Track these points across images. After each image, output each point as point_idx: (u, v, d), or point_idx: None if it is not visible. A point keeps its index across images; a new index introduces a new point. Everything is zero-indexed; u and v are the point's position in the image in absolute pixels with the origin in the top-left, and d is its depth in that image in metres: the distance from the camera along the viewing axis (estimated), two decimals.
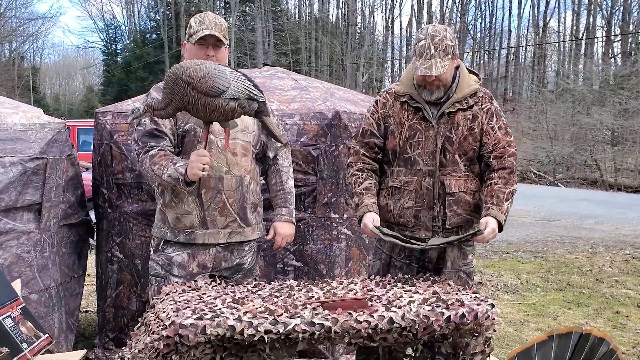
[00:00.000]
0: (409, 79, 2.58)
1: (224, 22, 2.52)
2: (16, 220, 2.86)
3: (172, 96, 2.16)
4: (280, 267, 3.17)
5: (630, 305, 4.87)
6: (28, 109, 3.15)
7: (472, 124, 2.55)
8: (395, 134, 2.57)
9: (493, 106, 2.59)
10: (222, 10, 35.67)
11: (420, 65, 2.42)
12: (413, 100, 2.55)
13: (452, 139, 2.53)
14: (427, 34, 2.44)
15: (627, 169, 17.79)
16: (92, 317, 4.18)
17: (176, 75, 2.14)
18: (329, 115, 3.13)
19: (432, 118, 2.53)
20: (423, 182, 2.54)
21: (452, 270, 2.62)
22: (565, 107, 20.88)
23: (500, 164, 2.55)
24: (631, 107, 17.95)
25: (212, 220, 2.41)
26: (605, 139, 18.76)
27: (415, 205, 2.56)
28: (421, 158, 2.54)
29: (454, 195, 2.55)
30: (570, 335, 2.08)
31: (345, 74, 32.16)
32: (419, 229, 2.58)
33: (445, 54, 2.42)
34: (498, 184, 2.51)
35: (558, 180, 18.18)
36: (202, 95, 2.14)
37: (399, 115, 2.58)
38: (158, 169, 2.30)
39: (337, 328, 1.91)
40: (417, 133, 2.54)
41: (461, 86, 2.55)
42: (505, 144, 2.57)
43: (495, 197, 2.49)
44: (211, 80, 2.14)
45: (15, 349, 2.01)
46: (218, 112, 2.19)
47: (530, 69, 29.52)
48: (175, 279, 2.43)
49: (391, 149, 2.60)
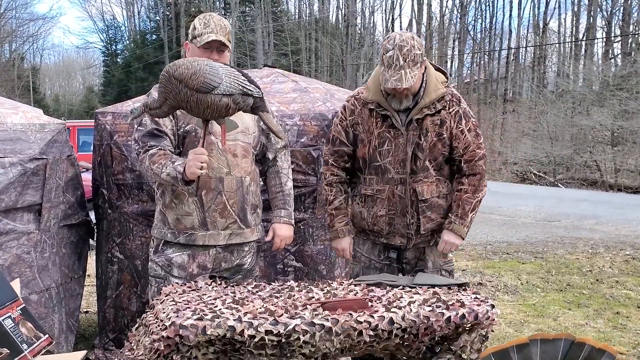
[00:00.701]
0: (376, 86, 2.53)
1: (228, 24, 2.52)
2: (16, 220, 2.86)
3: (166, 95, 2.16)
4: (280, 267, 3.17)
5: (630, 306, 4.87)
6: (28, 110, 3.15)
7: (440, 129, 2.53)
8: (365, 142, 2.56)
9: (461, 108, 2.56)
10: (222, 10, 35.67)
11: (390, 78, 2.38)
12: (381, 108, 2.53)
13: (422, 145, 2.51)
14: (395, 44, 2.38)
15: (627, 170, 17.79)
16: (93, 318, 4.18)
17: (169, 73, 2.15)
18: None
19: (401, 125, 2.51)
20: (395, 190, 2.54)
21: (434, 270, 2.64)
22: (565, 108, 20.89)
23: (471, 170, 2.56)
24: (631, 107, 17.95)
25: (213, 221, 2.41)
26: (605, 140, 18.77)
27: (388, 213, 2.56)
28: (392, 166, 2.53)
29: (427, 202, 2.55)
30: (560, 342, 1.94)
31: (345, 74, 32.16)
32: (393, 235, 2.60)
33: (414, 64, 2.39)
34: (467, 192, 2.55)
35: (558, 181, 18.18)
36: (194, 92, 2.14)
37: (368, 122, 2.55)
38: (157, 167, 2.30)
39: (338, 328, 1.91)
40: (387, 141, 2.52)
41: (428, 91, 2.51)
42: (475, 147, 2.57)
43: (461, 209, 2.54)
44: (202, 77, 2.13)
45: (15, 350, 2.01)
46: (211, 108, 2.18)
47: (530, 70, 29.50)
48: (175, 280, 2.43)
49: (361, 157, 2.59)
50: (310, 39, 33.75)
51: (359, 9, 34.37)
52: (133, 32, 39.53)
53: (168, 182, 2.31)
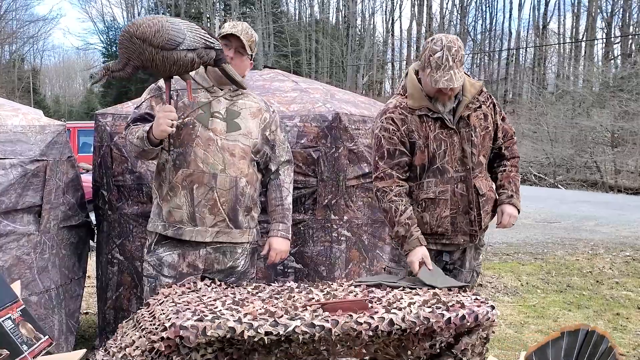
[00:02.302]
0: (418, 92, 2.54)
1: (255, 35, 2.52)
2: (16, 222, 2.86)
3: (129, 55, 2.12)
4: (280, 269, 3.17)
5: (630, 307, 4.87)
6: (28, 111, 3.15)
7: (485, 123, 2.60)
8: (422, 148, 2.54)
9: (492, 100, 2.68)
10: (223, 12, 35.71)
11: (440, 78, 2.39)
12: (431, 112, 2.53)
13: (474, 141, 2.56)
14: (443, 45, 2.40)
15: (627, 171, 17.80)
16: (93, 319, 4.18)
17: (129, 33, 2.11)
18: (329, 117, 3.13)
19: (453, 124, 2.54)
20: (456, 188, 2.55)
21: (469, 270, 2.69)
22: (565, 109, 20.90)
23: (511, 153, 2.70)
24: (631, 108, 17.96)
25: (201, 217, 2.40)
26: (605, 141, 18.78)
27: (451, 213, 2.56)
28: (450, 165, 2.54)
29: (485, 196, 2.61)
30: (579, 332, 2.16)
31: (345, 75, 32.18)
32: (455, 235, 2.60)
33: (461, 64, 2.43)
34: (513, 172, 2.68)
35: (558, 182, 18.18)
36: (159, 50, 2.12)
37: (422, 128, 2.54)
38: (131, 137, 2.34)
39: (338, 330, 1.91)
40: (442, 142, 2.54)
41: (466, 87, 2.56)
42: (512, 133, 2.72)
43: (514, 185, 2.65)
44: (166, 34, 2.12)
45: (15, 351, 2.01)
46: (177, 65, 2.17)
47: (530, 71, 29.54)
48: (166, 279, 2.42)
49: (419, 163, 2.56)
50: (310, 40, 33.79)
51: (359, 10, 34.41)
52: None
53: (139, 146, 2.32)
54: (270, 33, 33.64)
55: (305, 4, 36.22)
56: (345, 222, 3.18)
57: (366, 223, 3.26)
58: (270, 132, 2.58)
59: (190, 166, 2.38)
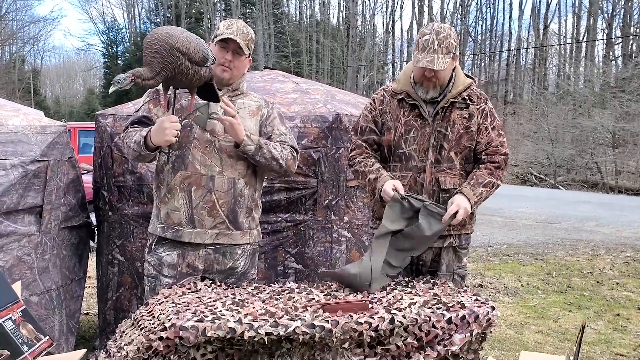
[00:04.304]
0: (406, 77, 2.61)
1: (251, 32, 2.50)
2: (17, 222, 2.86)
3: (164, 65, 2.11)
4: (280, 269, 3.17)
5: (630, 308, 4.87)
6: (29, 112, 3.16)
7: (468, 122, 2.58)
8: (391, 129, 2.60)
9: (488, 107, 2.63)
10: (223, 12, 35.72)
11: (422, 59, 2.43)
12: (410, 98, 2.58)
13: (448, 136, 2.55)
14: (433, 29, 2.47)
15: (628, 172, 17.80)
16: (93, 320, 4.19)
17: (169, 44, 2.10)
18: (329, 118, 3.13)
19: (428, 115, 2.56)
20: (417, 177, 2.57)
21: (447, 274, 2.64)
22: (566, 110, 20.89)
23: (490, 159, 2.59)
24: (632, 109, 17.96)
25: (200, 219, 2.39)
26: (606, 142, 18.77)
27: None
28: (416, 154, 2.57)
29: (449, 192, 2.56)
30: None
31: (346, 76, 32.19)
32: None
33: (447, 52, 2.45)
34: (481, 171, 2.56)
35: (559, 183, 18.18)
36: (193, 65, 2.16)
37: (396, 111, 2.60)
38: (128, 139, 2.35)
39: (338, 330, 1.91)
40: (413, 129, 2.57)
41: (456, 84, 2.58)
42: (498, 144, 2.60)
43: (474, 180, 2.53)
44: (201, 50, 2.17)
45: (16, 352, 2.01)
46: (200, 80, 2.24)
47: (531, 72, 29.53)
48: (166, 279, 2.42)
49: (386, 144, 2.62)
50: (311, 41, 33.79)
51: (359, 11, 34.41)
52: (134, 34, 39.52)
53: (136, 150, 2.33)
54: (270, 34, 33.64)
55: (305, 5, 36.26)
56: (346, 223, 3.18)
57: (366, 224, 3.26)
58: (267, 125, 2.52)
59: (188, 168, 2.38)
